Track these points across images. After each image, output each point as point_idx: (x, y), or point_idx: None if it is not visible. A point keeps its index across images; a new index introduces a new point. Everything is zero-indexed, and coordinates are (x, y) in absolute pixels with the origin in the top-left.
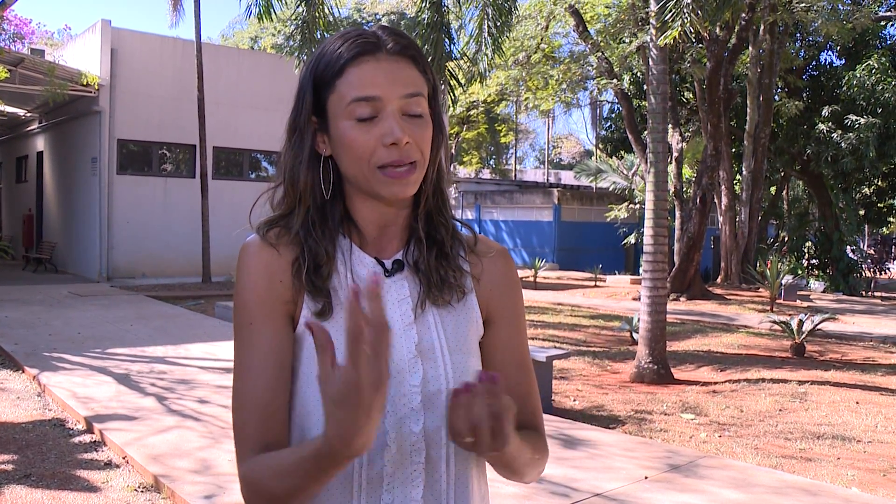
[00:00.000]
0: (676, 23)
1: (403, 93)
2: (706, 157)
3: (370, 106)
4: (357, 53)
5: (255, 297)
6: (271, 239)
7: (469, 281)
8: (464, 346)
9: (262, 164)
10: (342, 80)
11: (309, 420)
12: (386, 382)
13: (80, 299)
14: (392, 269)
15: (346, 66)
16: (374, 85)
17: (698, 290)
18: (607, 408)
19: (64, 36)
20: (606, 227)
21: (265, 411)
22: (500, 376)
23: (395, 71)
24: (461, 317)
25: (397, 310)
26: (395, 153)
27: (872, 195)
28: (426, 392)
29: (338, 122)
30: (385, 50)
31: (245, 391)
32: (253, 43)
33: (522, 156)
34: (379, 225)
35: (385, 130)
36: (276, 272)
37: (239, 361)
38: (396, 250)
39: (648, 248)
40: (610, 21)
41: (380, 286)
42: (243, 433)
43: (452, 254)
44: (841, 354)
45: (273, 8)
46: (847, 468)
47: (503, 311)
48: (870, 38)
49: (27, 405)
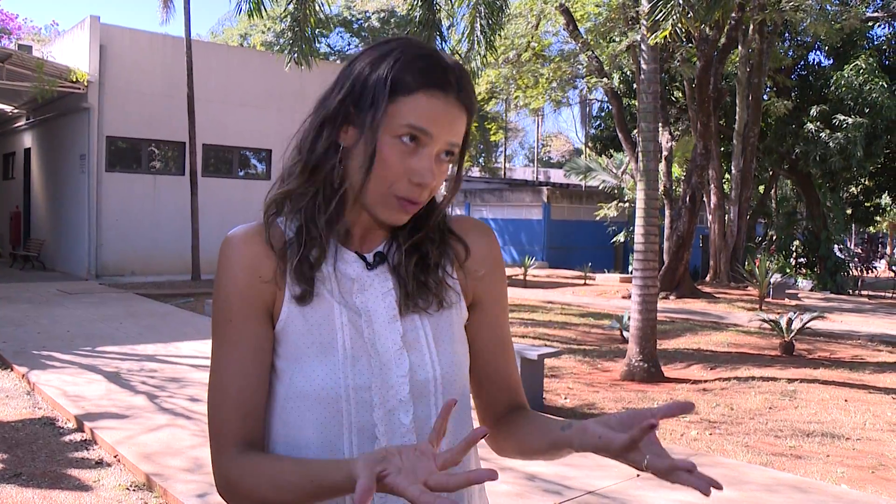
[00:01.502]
0: (668, 22)
1: (450, 140)
2: (696, 156)
3: (420, 136)
4: (433, 84)
5: (236, 293)
6: (270, 215)
7: (451, 295)
8: (449, 335)
9: (251, 162)
10: (409, 99)
11: (290, 427)
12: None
13: (69, 297)
14: (374, 262)
15: (419, 90)
16: (434, 123)
17: (688, 289)
18: (598, 406)
19: (51, 32)
20: (596, 226)
21: (245, 409)
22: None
23: (455, 119)
24: (444, 314)
25: (381, 302)
26: (416, 192)
27: (860, 194)
28: (414, 382)
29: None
30: (455, 95)
31: (225, 388)
32: (242, 40)
33: (512, 154)
34: (365, 227)
35: (420, 169)
36: (258, 265)
37: (217, 358)
38: (378, 245)
39: (639, 246)
40: (600, 20)
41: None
42: (223, 430)
43: (434, 267)
44: (829, 352)
45: (263, 5)
46: (836, 465)
47: (488, 294)
48: (857, 38)
49: (16, 403)
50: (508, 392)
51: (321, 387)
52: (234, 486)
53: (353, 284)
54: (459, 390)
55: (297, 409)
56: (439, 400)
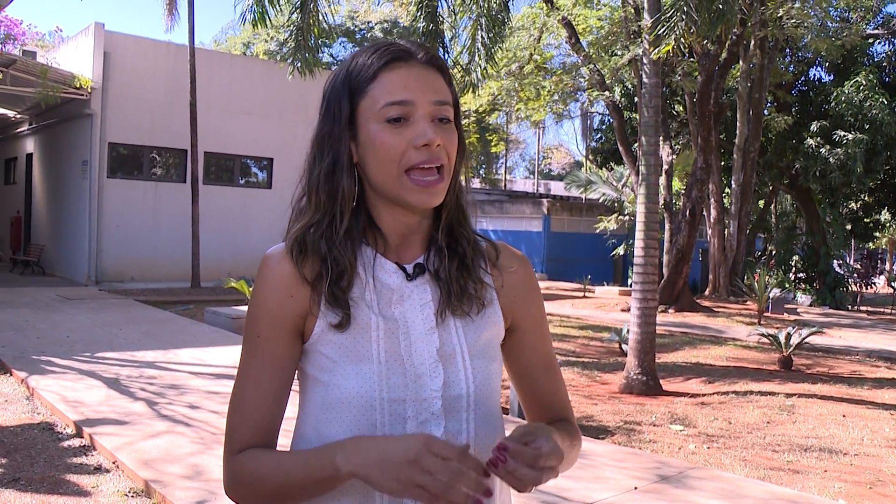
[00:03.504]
0: (670, 37)
1: (434, 98)
2: (696, 170)
3: (402, 109)
4: (390, 60)
5: (266, 311)
6: (295, 251)
7: (490, 293)
8: (485, 352)
9: (252, 170)
10: (375, 84)
11: (322, 436)
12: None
13: (69, 303)
14: (414, 273)
15: (379, 71)
16: (407, 89)
17: (687, 302)
18: (597, 418)
19: (55, 38)
20: (596, 238)
21: (257, 419)
22: (506, 447)
23: (427, 78)
24: (483, 323)
25: (419, 314)
26: (426, 154)
27: (859, 210)
28: (447, 396)
29: (368, 126)
30: (416, 58)
31: (243, 397)
32: (245, 49)
33: (513, 166)
34: (401, 233)
35: (417, 132)
36: (290, 286)
37: (242, 368)
38: (417, 257)
39: (639, 259)
40: (602, 34)
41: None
42: (234, 435)
43: (473, 266)
44: (828, 368)
45: (267, 14)
46: (834, 480)
47: (527, 317)
48: (858, 55)
49: (15, 409)
50: (553, 410)
51: (355, 395)
52: (239, 476)
53: (392, 295)
54: (491, 407)
55: (330, 418)
56: (471, 415)
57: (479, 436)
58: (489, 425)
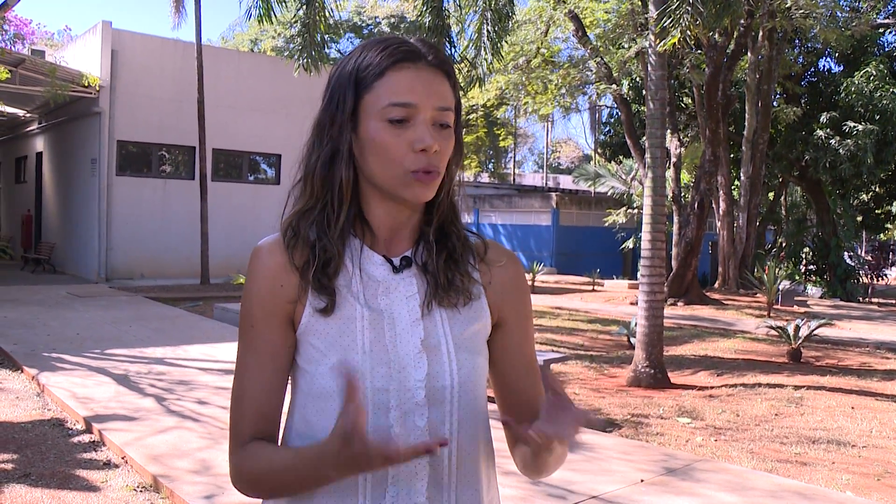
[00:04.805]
0: (676, 29)
1: (437, 104)
2: (704, 163)
3: (405, 111)
4: (399, 59)
5: (258, 302)
6: (289, 236)
7: (478, 288)
8: (471, 345)
9: (261, 167)
10: (382, 81)
11: (310, 425)
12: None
13: (79, 300)
14: (400, 266)
15: (387, 69)
16: (413, 92)
17: (696, 295)
18: (604, 411)
19: (64, 37)
20: (605, 232)
21: (259, 410)
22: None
23: (432, 82)
24: (470, 316)
25: (405, 305)
26: (424, 160)
27: (870, 201)
28: (430, 387)
29: (369, 122)
30: (425, 60)
31: (243, 389)
32: (253, 45)
33: (521, 160)
34: (390, 227)
35: (417, 136)
36: (279, 276)
37: (240, 361)
38: (405, 250)
39: (646, 252)
40: (609, 26)
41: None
42: (238, 427)
43: (461, 260)
44: (837, 360)
45: (273, 10)
46: (842, 472)
47: (513, 316)
48: (868, 45)
49: (26, 405)
50: (533, 412)
51: (340, 386)
52: (242, 472)
53: (377, 286)
54: (475, 399)
55: (317, 407)
56: (454, 407)
57: (462, 428)
58: (473, 418)
